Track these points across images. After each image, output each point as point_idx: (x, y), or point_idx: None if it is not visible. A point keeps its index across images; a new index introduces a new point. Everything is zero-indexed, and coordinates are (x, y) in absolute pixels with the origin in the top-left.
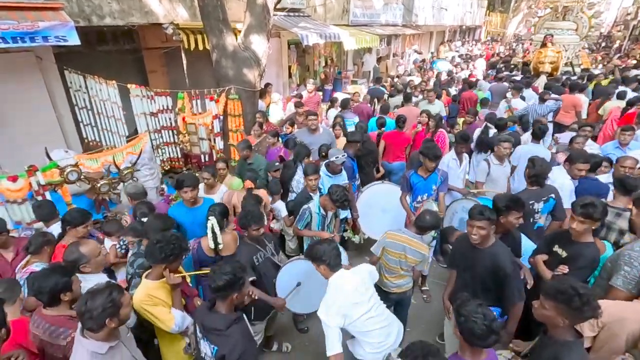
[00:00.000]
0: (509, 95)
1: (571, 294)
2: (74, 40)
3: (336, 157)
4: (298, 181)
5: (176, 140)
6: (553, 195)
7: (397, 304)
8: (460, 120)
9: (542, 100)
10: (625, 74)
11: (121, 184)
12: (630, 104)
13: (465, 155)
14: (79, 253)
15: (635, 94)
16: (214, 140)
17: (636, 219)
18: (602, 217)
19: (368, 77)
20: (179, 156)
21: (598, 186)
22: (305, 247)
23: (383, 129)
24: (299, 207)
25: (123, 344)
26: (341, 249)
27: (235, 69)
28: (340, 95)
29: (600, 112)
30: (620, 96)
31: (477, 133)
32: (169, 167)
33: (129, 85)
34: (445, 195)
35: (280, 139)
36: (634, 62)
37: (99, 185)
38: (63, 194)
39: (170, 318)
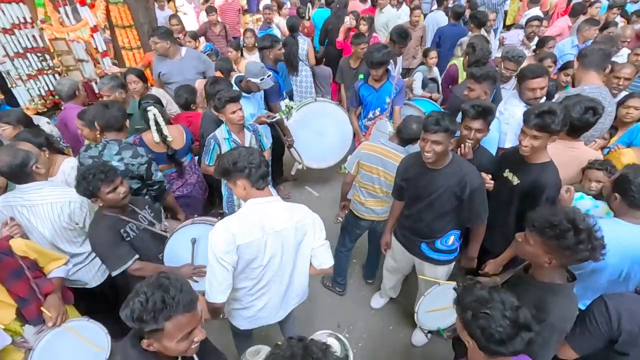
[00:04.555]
0: None
1: (565, 228)
2: None
3: (261, 79)
4: (302, 54)
5: (50, 66)
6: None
7: (369, 232)
8: None
9: None
10: None
11: None
12: None
13: (399, 58)
14: (24, 152)
15: None
16: (101, 61)
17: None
18: (562, 128)
19: None
20: None
21: (457, 30)
22: (225, 198)
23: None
24: (206, 136)
25: None
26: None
27: None
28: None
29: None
30: None
31: None
32: (51, 103)
33: None
34: (401, 109)
35: None
36: None
37: None
38: None
39: None
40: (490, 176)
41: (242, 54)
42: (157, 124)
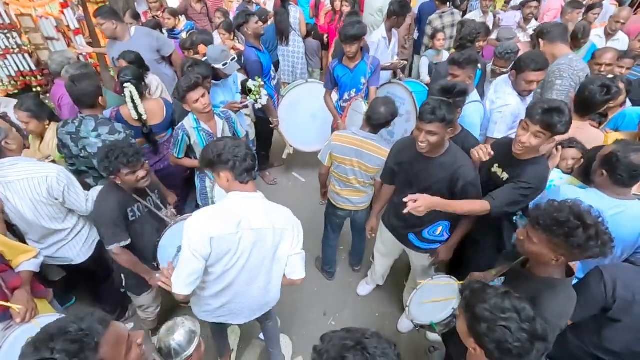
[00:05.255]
0: None
1: (573, 225)
2: None
3: (224, 65)
4: (294, 23)
5: (19, 44)
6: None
7: (351, 221)
8: None
9: None
10: None
11: None
12: None
13: (394, 32)
14: None
15: None
16: (74, 39)
17: (543, 48)
18: (565, 131)
19: None
20: (33, 68)
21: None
22: (199, 190)
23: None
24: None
25: None
26: None
27: None
28: None
29: None
30: None
31: None
32: (22, 84)
33: None
34: (377, 90)
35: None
36: None
37: None
38: None
39: None
40: (489, 147)
41: (234, 37)
42: (133, 101)
